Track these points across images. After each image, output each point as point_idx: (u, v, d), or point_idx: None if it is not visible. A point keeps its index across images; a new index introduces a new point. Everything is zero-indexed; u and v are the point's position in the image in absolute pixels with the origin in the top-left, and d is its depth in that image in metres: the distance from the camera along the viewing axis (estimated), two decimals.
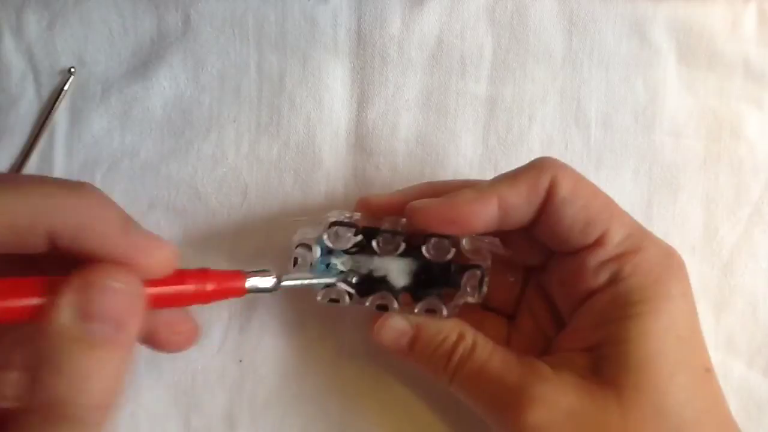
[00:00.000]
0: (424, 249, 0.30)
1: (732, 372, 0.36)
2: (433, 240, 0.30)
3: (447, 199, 0.29)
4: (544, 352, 0.31)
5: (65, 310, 0.20)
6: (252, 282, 0.28)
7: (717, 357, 0.36)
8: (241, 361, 0.35)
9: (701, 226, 0.37)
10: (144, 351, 0.34)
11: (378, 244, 0.30)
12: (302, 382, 0.35)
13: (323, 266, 0.31)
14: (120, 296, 0.21)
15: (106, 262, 0.22)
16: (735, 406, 0.36)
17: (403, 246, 0.30)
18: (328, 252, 0.31)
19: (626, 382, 0.27)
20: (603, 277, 0.29)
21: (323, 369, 0.36)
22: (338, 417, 0.35)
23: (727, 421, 0.29)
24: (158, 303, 0.24)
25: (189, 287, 0.25)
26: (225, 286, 0.26)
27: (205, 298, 0.26)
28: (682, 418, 0.27)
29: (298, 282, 0.30)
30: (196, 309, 0.35)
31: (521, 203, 0.29)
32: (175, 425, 0.35)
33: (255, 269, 0.28)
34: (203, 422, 0.35)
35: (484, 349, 0.30)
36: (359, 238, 0.30)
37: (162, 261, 0.23)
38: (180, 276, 0.25)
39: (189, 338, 0.27)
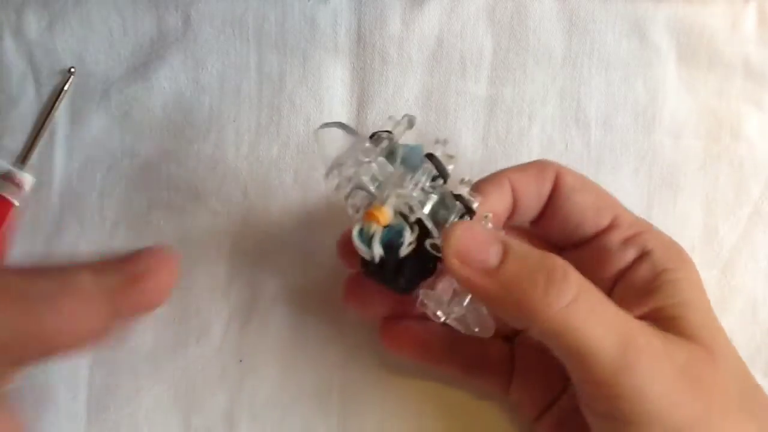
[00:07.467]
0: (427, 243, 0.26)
1: None
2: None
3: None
4: (546, 409, 0.31)
5: None
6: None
7: None
8: (241, 361, 0.35)
9: (701, 226, 0.37)
10: (144, 351, 0.35)
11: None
12: (302, 382, 0.35)
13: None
14: None
15: None
16: None
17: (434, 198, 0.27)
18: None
19: (704, 340, 0.27)
20: (630, 253, 0.29)
21: (323, 369, 0.35)
22: (338, 418, 0.35)
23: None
24: None
25: None
26: None
27: None
28: (749, 374, 0.28)
29: None
30: (196, 308, 0.35)
31: (531, 188, 0.30)
32: (175, 425, 0.35)
33: None
34: (203, 422, 0.35)
35: (593, 291, 0.25)
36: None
37: None
38: None
39: None
